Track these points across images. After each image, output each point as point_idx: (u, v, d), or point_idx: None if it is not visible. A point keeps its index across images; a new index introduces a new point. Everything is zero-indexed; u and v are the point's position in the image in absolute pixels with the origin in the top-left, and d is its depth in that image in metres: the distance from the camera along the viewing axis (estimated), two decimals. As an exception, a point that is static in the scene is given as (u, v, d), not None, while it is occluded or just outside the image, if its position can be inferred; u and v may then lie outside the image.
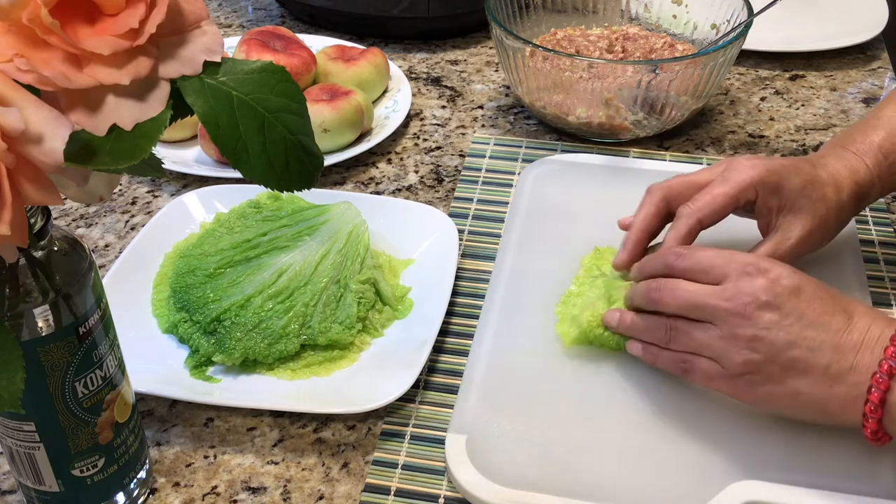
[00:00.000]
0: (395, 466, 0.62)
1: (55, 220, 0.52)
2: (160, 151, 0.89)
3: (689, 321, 0.60)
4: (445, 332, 0.72)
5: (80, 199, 0.44)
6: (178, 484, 0.61)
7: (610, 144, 0.94)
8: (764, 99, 1.03)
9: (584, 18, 1.03)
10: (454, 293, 0.74)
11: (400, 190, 0.88)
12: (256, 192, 0.80)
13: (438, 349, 0.70)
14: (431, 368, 0.69)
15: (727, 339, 0.58)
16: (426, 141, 0.96)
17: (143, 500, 0.59)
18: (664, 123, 0.93)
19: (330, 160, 0.88)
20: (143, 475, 0.58)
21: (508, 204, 0.85)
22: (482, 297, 0.74)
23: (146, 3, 0.40)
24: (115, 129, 0.40)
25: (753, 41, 1.03)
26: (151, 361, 0.67)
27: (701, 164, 0.91)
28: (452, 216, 0.83)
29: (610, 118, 0.91)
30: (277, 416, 0.66)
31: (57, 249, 0.49)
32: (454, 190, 0.88)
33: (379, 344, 0.70)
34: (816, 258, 0.76)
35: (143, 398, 0.66)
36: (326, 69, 0.98)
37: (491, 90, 1.04)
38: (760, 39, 1.06)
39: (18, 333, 0.47)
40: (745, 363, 0.57)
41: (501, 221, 0.83)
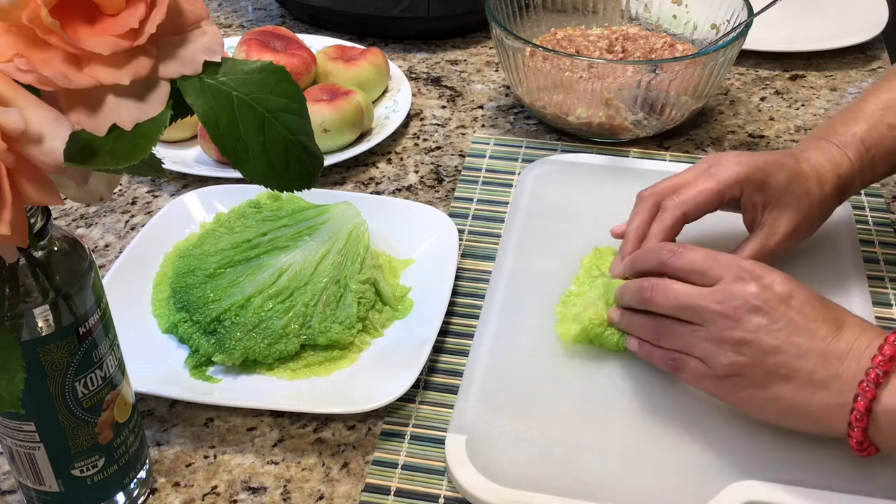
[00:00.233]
0: (395, 466, 0.62)
1: (55, 220, 0.52)
2: (160, 151, 0.89)
3: (679, 321, 0.60)
4: (445, 332, 0.72)
5: (80, 199, 0.44)
6: (178, 484, 0.61)
7: (610, 144, 0.94)
8: (764, 99, 1.03)
9: (584, 18, 1.03)
10: (454, 293, 0.74)
11: (400, 190, 0.88)
12: (256, 192, 0.80)
13: (438, 349, 0.70)
14: (431, 368, 0.69)
15: (715, 340, 0.58)
16: (426, 141, 0.96)
17: (143, 500, 0.59)
18: (664, 123, 0.93)
19: (330, 160, 0.88)
20: (143, 475, 0.58)
21: (508, 204, 0.85)
22: (482, 297, 0.74)
23: (146, 3, 0.40)
24: (115, 129, 0.40)
25: (753, 41, 1.03)
26: (151, 361, 0.67)
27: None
28: (452, 216, 0.83)
29: (610, 118, 0.91)
30: (277, 416, 0.66)
31: (57, 249, 0.49)
32: (454, 190, 0.88)
33: (379, 344, 0.70)
34: (816, 259, 0.77)
35: (143, 398, 0.66)
36: (326, 69, 0.98)
37: (491, 90, 1.04)
38: (760, 39, 1.06)
39: (18, 333, 0.47)
40: (730, 365, 0.57)
41: (501, 221, 0.83)
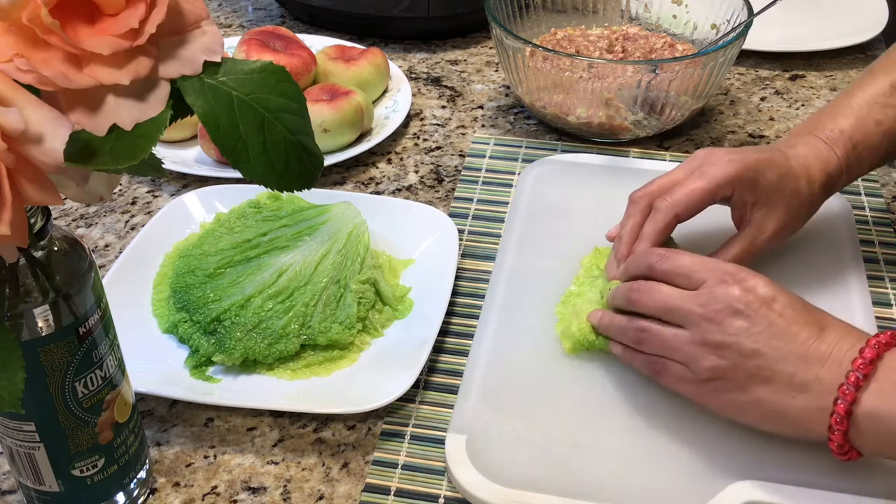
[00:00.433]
0: (395, 466, 0.62)
1: (55, 220, 0.52)
2: (160, 151, 0.89)
3: (661, 324, 0.60)
4: (445, 332, 0.72)
5: (80, 199, 0.44)
6: (178, 484, 0.61)
7: (610, 144, 0.94)
8: (764, 99, 1.03)
9: (584, 18, 1.03)
10: (454, 293, 0.74)
11: (400, 190, 0.88)
12: (256, 192, 0.80)
13: (438, 349, 0.70)
14: (431, 368, 0.69)
15: (696, 343, 0.58)
16: (426, 141, 0.96)
17: (143, 500, 0.59)
18: (664, 123, 0.93)
19: (330, 160, 0.88)
20: (143, 475, 0.58)
21: (508, 204, 0.85)
22: (482, 297, 0.74)
23: (146, 3, 0.39)
24: (115, 129, 0.39)
25: (753, 41, 1.03)
26: (151, 361, 0.67)
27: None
28: (452, 216, 0.83)
29: (610, 118, 0.91)
30: (277, 416, 0.66)
31: (57, 249, 0.49)
32: (454, 190, 0.88)
33: (379, 344, 0.70)
34: (816, 259, 0.77)
35: (143, 398, 0.66)
36: (326, 69, 0.98)
37: (491, 90, 1.04)
38: (760, 39, 1.06)
39: (18, 333, 0.47)
40: (712, 368, 0.57)
41: (501, 221, 0.83)
